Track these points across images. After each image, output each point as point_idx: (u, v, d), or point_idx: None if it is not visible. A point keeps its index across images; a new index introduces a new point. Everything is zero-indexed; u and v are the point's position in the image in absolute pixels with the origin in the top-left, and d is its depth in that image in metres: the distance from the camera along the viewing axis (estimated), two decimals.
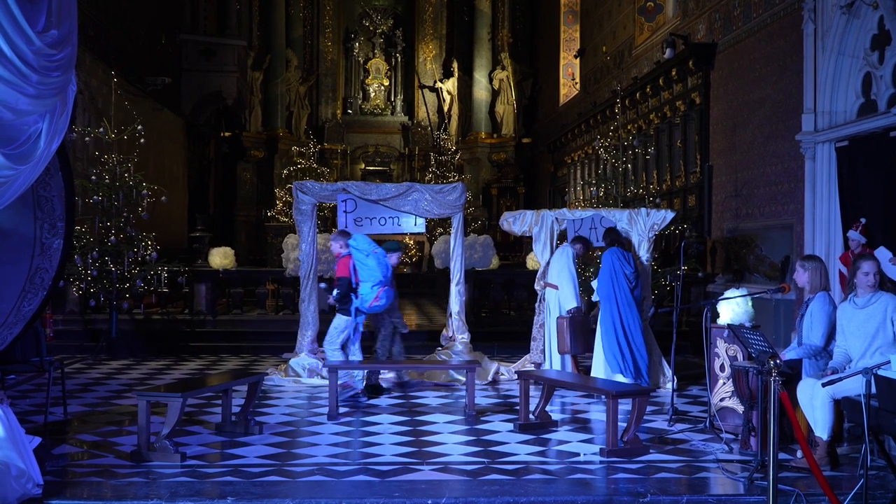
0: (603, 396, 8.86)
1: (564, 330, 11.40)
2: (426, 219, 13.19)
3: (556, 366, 11.62)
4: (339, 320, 10.74)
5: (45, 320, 12.85)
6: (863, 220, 10.60)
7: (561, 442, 8.47)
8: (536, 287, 12.55)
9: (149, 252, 15.01)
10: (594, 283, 11.42)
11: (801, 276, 8.00)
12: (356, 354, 10.82)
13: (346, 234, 11.09)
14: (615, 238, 11.41)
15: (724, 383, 8.85)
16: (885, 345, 7.16)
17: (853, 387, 6.72)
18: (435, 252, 16.58)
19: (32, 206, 7.27)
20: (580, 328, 11.46)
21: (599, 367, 10.97)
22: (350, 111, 35.55)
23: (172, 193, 20.52)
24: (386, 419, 9.51)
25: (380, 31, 35.81)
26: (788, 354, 7.92)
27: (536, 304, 12.58)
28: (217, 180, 31.96)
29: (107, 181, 14.82)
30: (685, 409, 10.02)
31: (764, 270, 14.63)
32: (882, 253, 9.73)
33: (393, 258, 11.18)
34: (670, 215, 12.25)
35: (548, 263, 12.08)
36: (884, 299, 7.29)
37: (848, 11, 11.80)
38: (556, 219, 12.49)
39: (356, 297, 10.63)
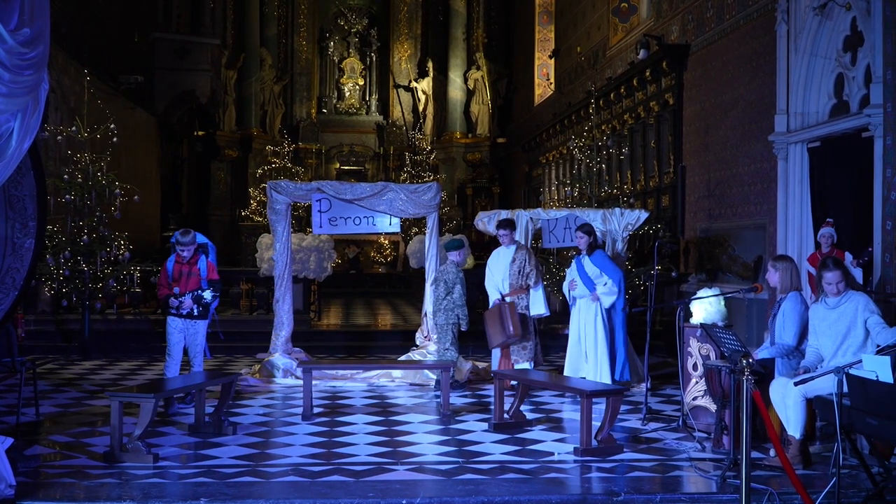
0: (577, 396, 8.89)
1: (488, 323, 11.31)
2: (401, 218, 13.18)
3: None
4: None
5: (16, 320, 12.73)
6: (830, 220, 10.71)
7: (535, 441, 8.48)
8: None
9: (121, 252, 14.92)
10: (565, 287, 11.14)
11: (773, 277, 8.06)
12: None
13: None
14: (597, 236, 11.27)
15: (697, 382, 8.90)
16: (857, 344, 7.22)
17: (825, 386, 6.77)
18: (410, 252, 16.57)
19: (3, 206, 7.21)
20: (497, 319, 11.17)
21: (590, 370, 10.85)
22: (325, 110, 35.48)
23: (145, 193, 20.42)
24: (360, 419, 9.50)
25: (355, 30, 35.75)
26: (761, 354, 7.98)
27: None
28: (190, 180, 31.82)
29: (79, 180, 14.72)
30: (658, 409, 10.06)
31: (737, 270, 14.72)
32: (847, 257, 9.88)
33: (458, 256, 11.43)
34: (644, 215, 12.31)
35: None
36: (855, 299, 7.34)
37: (821, 13, 11.88)
38: (531, 219, 12.52)
39: None
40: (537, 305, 11.32)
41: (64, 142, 15.55)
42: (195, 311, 9.86)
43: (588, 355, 10.82)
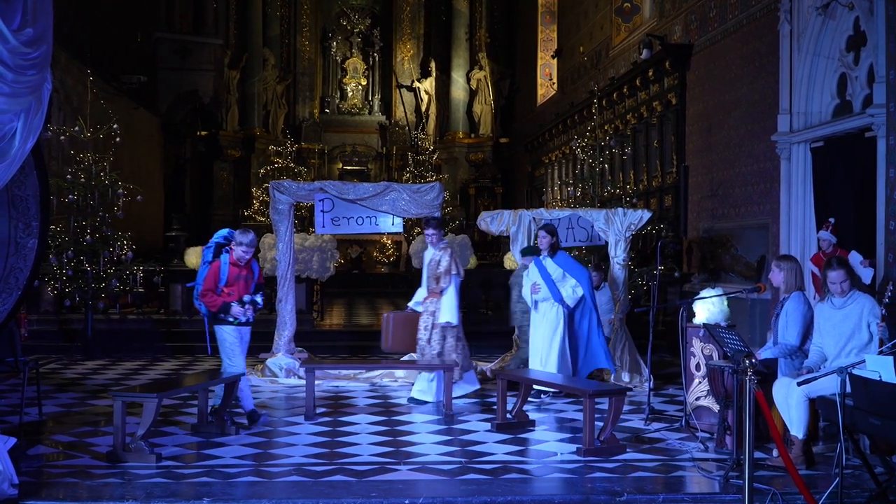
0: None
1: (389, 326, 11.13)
2: (403, 218, 13.18)
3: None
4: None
5: (19, 320, 12.74)
6: (832, 220, 10.68)
7: (538, 441, 8.48)
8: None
9: (124, 252, 14.93)
10: (526, 292, 10.83)
11: (777, 276, 8.05)
12: None
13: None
14: (558, 236, 11.02)
15: (700, 382, 8.89)
16: (860, 346, 7.21)
17: (828, 386, 6.76)
18: (412, 252, 16.57)
19: (7, 206, 7.22)
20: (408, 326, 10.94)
21: (564, 365, 10.63)
22: (327, 110, 35.48)
23: (148, 193, 20.43)
24: (363, 419, 9.50)
25: (357, 30, 35.75)
26: (764, 354, 7.97)
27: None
28: (193, 179, 31.84)
29: (82, 180, 14.73)
30: (661, 409, 10.05)
31: (739, 270, 14.71)
32: (854, 257, 9.82)
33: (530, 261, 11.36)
34: (647, 215, 12.30)
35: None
36: (861, 301, 7.34)
37: (823, 13, 11.87)
38: (534, 219, 12.51)
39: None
40: (444, 312, 10.59)
41: (67, 142, 15.57)
42: (251, 317, 9.04)
43: (544, 359, 10.50)
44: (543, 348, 10.56)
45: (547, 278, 10.54)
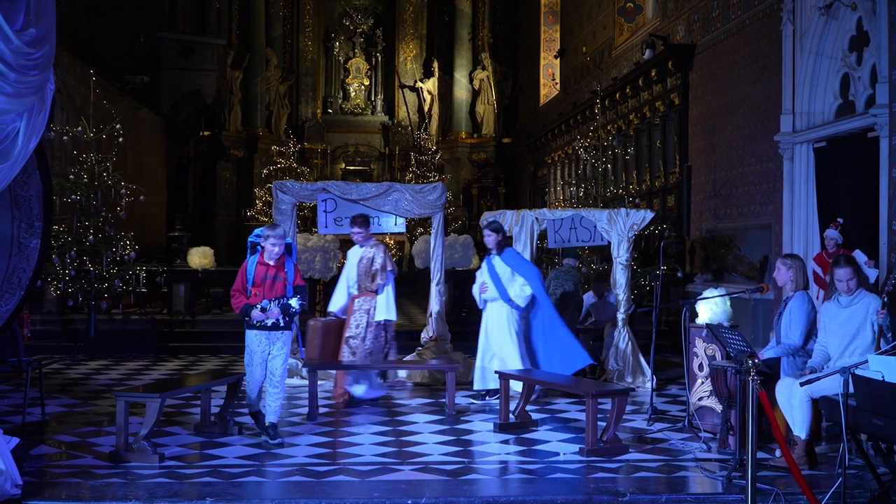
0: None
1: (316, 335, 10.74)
2: (406, 219, 13.18)
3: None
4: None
5: (22, 320, 12.76)
6: (840, 220, 10.66)
7: (541, 441, 8.48)
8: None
9: (127, 252, 14.94)
10: (476, 291, 10.73)
11: (785, 275, 8.03)
12: None
13: None
14: (505, 234, 10.86)
15: (703, 383, 8.89)
16: (864, 345, 7.21)
17: (831, 386, 6.76)
18: (415, 252, 16.58)
19: (10, 206, 7.22)
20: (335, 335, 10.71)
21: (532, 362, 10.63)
22: (330, 111, 35.47)
23: (151, 193, 20.44)
24: (366, 419, 9.50)
25: (360, 30, 35.73)
26: (767, 353, 7.96)
27: None
28: (196, 180, 31.83)
29: (85, 180, 14.74)
30: (664, 409, 10.05)
31: (742, 270, 14.70)
32: (858, 256, 9.79)
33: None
34: (650, 215, 12.29)
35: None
36: (867, 300, 7.34)
37: (826, 13, 11.86)
38: (537, 219, 12.50)
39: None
40: (382, 310, 10.49)
41: (70, 142, 15.58)
42: (281, 321, 8.35)
43: (496, 359, 10.40)
44: (495, 347, 10.47)
45: (495, 277, 10.48)
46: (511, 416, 9.07)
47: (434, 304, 12.52)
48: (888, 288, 7.56)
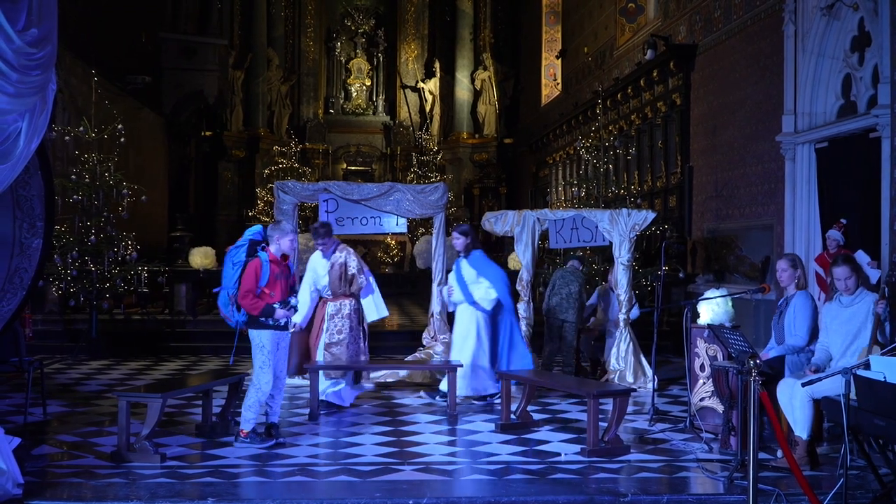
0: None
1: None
2: (408, 219, 13.19)
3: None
4: None
5: (24, 320, 12.73)
6: (843, 221, 10.66)
7: (542, 442, 8.48)
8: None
9: (129, 252, 14.95)
10: (445, 293, 10.76)
11: (791, 273, 8.00)
12: None
13: None
14: (475, 237, 10.81)
15: (705, 383, 8.89)
16: (866, 345, 7.20)
17: (833, 387, 6.75)
18: (416, 252, 16.59)
19: (12, 206, 7.22)
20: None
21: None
22: (332, 111, 35.49)
23: (153, 193, 20.46)
24: (367, 419, 9.50)
25: (362, 30, 35.75)
26: (771, 353, 7.95)
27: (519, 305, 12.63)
28: (198, 180, 31.86)
29: (87, 180, 14.75)
30: (666, 409, 10.05)
31: (744, 271, 14.70)
32: (861, 256, 9.78)
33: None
34: (651, 216, 12.29)
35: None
36: (868, 300, 7.34)
37: (828, 13, 11.86)
38: (538, 219, 12.51)
39: None
40: (372, 311, 10.47)
41: (71, 142, 15.60)
42: (290, 321, 8.40)
43: (463, 359, 10.37)
44: (461, 349, 10.49)
45: (460, 280, 10.50)
46: (512, 416, 9.07)
47: (435, 305, 12.53)
48: (892, 279, 7.56)
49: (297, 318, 10.06)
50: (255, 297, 8.02)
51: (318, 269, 10.29)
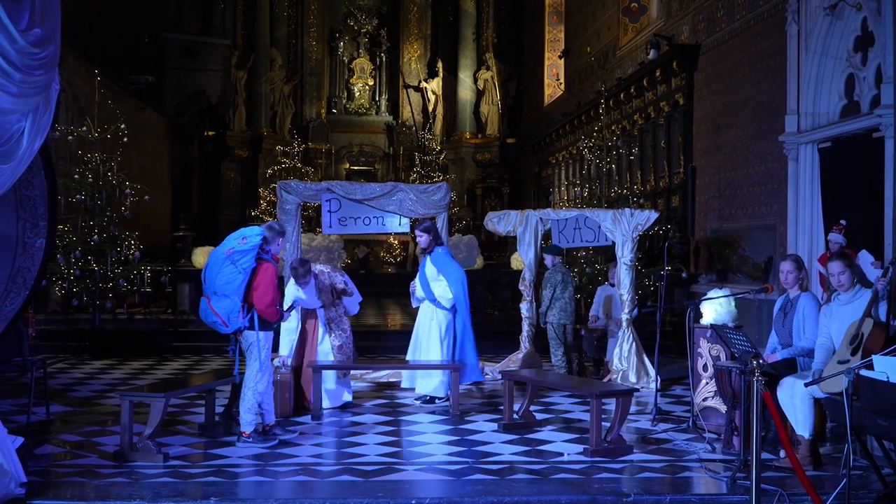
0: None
1: None
2: (410, 219, 13.19)
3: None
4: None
5: (27, 320, 12.78)
6: (843, 222, 10.65)
7: (545, 442, 8.47)
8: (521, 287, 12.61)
9: (132, 251, 14.97)
10: (433, 289, 10.66)
11: (797, 275, 7.96)
12: None
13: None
14: (437, 234, 10.79)
15: (707, 383, 8.88)
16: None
17: (835, 386, 6.74)
18: (419, 252, 16.56)
19: (15, 206, 7.23)
20: None
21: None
22: (334, 111, 35.51)
23: (155, 193, 20.46)
24: (370, 419, 9.50)
25: (364, 30, 35.77)
26: (779, 355, 7.91)
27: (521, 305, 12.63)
28: (200, 179, 31.89)
29: (90, 180, 14.77)
30: (668, 409, 10.04)
31: (747, 270, 14.69)
32: (864, 257, 9.77)
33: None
34: (654, 216, 12.28)
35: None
36: (866, 296, 7.32)
37: (831, 13, 11.85)
38: (541, 219, 12.50)
39: None
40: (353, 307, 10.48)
41: (74, 142, 15.62)
42: None
43: (422, 354, 10.51)
44: (423, 347, 10.62)
45: (423, 277, 10.57)
46: (515, 416, 9.06)
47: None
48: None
49: (285, 351, 9.98)
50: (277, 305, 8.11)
51: (300, 297, 9.98)
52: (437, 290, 10.47)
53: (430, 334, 10.57)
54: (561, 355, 11.57)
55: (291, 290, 10.10)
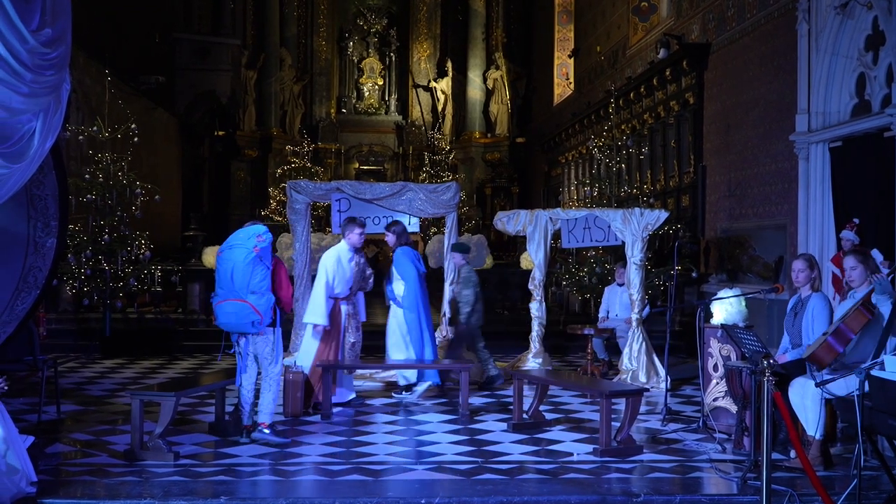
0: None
1: None
2: (420, 218, 13.20)
3: None
4: None
5: (38, 319, 12.82)
6: (856, 220, 10.61)
7: (554, 441, 8.47)
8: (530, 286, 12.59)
9: (142, 251, 15.00)
10: (394, 288, 10.89)
11: (808, 274, 7.92)
12: None
13: None
14: (403, 233, 10.90)
15: (718, 383, 8.86)
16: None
17: (846, 387, 6.72)
18: (429, 251, 16.58)
19: (26, 205, 7.25)
20: None
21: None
22: (344, 110, 35.54)
23: (166, 192, 20.52)
24: (379, 418, 9.51)
25: (374, 30, 35.79)
26: (788, 356, 7.90)
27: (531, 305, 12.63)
28: (211, 179, 31.95)
29: (100, 180, 14.81)
30: (678, 409, 10.02)
31: (757, 270, 14.65)
32: (875, 256, 9.74)
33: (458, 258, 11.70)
34: (664, 215, 12.26)
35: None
36: None
37: (842, 12, 11.81)
38: (550, 218, 12.50)
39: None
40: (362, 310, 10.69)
41: (85, 142, 15.65)
42: None
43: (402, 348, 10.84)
44: (392, 343, 11.01)
45: (389, 277, 10.95)
46: (525, 415, 9.06)
47: (447, 304, 12.53)
48: None
49: (321, 320, 9.95)
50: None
51: (343, 262, 10.08)
52: (398, 290, 10.78)
53: (395, 332, 10.95)
54: (488, 355, 11.59)
55: (327, 275, 9.95)
